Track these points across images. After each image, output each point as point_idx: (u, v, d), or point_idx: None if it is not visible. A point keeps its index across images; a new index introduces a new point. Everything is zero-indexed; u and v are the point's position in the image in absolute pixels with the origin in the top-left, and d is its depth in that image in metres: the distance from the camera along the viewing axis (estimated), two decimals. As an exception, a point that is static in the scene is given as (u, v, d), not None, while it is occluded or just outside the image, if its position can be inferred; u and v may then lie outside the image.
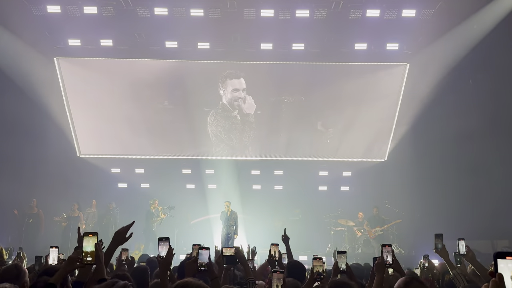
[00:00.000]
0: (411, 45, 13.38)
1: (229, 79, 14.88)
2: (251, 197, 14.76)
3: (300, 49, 13.36)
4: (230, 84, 14.86)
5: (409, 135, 14.33)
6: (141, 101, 14.37)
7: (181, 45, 13.19)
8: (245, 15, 12.22)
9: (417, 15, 12.05)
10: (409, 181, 13.83)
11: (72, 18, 12.26)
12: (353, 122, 14.70)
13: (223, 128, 15.15)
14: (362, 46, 13.27)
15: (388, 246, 3.46)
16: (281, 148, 15.30)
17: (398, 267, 3.47)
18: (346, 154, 15.13)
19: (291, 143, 15.12)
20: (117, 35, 13.09)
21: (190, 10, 11.89)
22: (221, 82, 14.87)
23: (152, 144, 14.87)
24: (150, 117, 14.61)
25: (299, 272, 3.92)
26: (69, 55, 13.54)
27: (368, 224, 13.11)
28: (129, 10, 12.04)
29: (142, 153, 15.04)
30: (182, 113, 14.70)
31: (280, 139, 15.22)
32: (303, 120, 14.87)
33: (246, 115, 15.09)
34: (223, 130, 15.17)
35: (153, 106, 14.59)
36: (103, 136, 14.87)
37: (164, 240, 3.20)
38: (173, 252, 3.14)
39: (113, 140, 14.87)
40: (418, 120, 13.94)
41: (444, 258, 4.03)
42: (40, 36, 12.83)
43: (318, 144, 15.17)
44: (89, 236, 2.75)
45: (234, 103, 15.01)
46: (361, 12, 11.99)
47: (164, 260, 3.08)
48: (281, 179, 15.52)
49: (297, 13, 11.98)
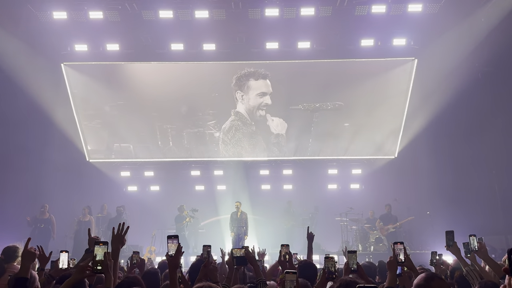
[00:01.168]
0: (419, 40, 13.26)
1: (253, 79, 13.85)
2: (260, 198, 14.74)
3: (306, 48, 13.29)
4: (253, 87, 13.75)
5: (419, 131, 14.18)
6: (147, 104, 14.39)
7: (187, 47, 13.21)
8: (250, 15, 12.21)
9: (424, 9, 11.94)
10: (420, 177, 13.70)
11: (78, 23, 12.37)
12: (362, 120, 14.59)
13: (237, 144, 14.54)
14: (369, 42, 13.18)
15: (400, 244, 3.41)
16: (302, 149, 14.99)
17: (410, 265, 3.42)
18: (355, 152, 15.01)
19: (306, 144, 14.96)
20: (123, 39, 13.17)
21: (194, 12, 11.91)
22: (239, 83, 13.81)
23: (160, 147, 14.90)
24: (157, 119, 14.63)
25: (311, 273, 3.88)
26: (76, 61, 13.63)
27: (381, 222, 13.00)
28: (134, 14, 12.11)
29: (151, 156, 15.08)
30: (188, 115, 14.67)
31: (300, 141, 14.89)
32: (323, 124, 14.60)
33: (277, 136, 14.23)
34: (237, 144, 14.52)
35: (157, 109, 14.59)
36: (112, 141, 14.94)
37: (173, 238, 3.17)
38: (182, 250, 3.12)
39: (121, 144, 14.92)
40: (428, 115, 13.79)
41: (456, 255, 3.97)
42: (47, 43, 12.96)
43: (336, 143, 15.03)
44: (100, 245, 2.75)
45: (257, 113, 13.97)
46: (366, 8, 11.93)
47: (173, 258, 3.05)
48: (290, 179, 15.48)
49: (302, 12, 11.94)
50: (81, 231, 12.07)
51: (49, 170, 13.43)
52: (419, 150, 14.10)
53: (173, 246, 3.08)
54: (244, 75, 13.80)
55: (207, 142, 14.83)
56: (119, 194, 14.85)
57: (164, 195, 15.00)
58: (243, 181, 14.83)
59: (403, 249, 3.38)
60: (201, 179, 15.44)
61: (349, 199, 14.13)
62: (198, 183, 15.40)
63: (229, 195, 14.28)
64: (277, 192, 15.19)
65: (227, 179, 15.25)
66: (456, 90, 12.64)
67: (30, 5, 11.90)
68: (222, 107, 14.51)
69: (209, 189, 15.17)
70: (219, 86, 14.29)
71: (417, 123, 14.19)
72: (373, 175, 14.86)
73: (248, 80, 13.97)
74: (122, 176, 15.34)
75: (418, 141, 14.18)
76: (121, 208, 12.88)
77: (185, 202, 13.78)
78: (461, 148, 13.30)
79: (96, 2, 11.80)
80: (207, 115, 14.63)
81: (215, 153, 15.03)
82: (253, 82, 13.93)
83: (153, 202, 14.45)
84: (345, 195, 14.73)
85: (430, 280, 2.55)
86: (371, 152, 15.07)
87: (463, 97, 12.73)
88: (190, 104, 14.45)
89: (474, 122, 13.14)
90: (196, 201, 14.22)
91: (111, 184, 14.94)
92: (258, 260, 4.47)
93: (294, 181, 15.46)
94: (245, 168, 15.24)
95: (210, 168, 15.42)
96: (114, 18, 12.21)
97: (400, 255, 3.35)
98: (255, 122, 14.43)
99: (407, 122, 14.40)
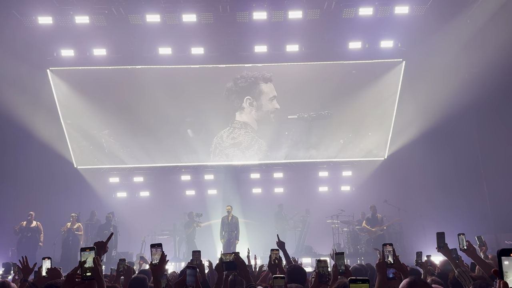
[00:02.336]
0: (406, 42, 13.35)
1: (263, 82, 13.43)
2: (251, 201, 14.69)
3: (295, 50, 13.30)
4: (265, 91, 13.37)
5: (408, 132, 14.25)
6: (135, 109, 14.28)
7: (175, 51, 13.14)
8: (238, 18, 12.18)
9: (410, 12, 12.01)
10: (410, 179, 13.75)
11: (64, 28, 12.21)
12: (352, 123, 14.63)
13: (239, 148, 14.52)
14: (356, 44, 13.23)
15: (389, 245, 3.37)
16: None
17: (399, 267, 3.39)
18: (346, 154, 15.05)
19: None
20: (110, 44, 13.06)
21: (182, 16, 11.83)
22: (248, 89, 13.60)
23: (149, 152, 14.77)
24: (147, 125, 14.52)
25: (300, 277, 3.84)
26: (62, 66, 13.47)
27: (368, 224, 13.00)
28: (121, 19, 12.00)
29: (139, 162, 14.94)
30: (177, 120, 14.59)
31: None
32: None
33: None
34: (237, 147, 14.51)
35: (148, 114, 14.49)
36: (99, 146, 14.76)
37: (157, 247, 3.08)
38: (167, 259, 3.04)
39: (110, 150, 14.77)
40: (417, 117, 13.86)
41: (447, 256, 3.96)
42: (32, 48, 12.77)
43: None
44: (87, 251, 2.66)
45: (269, 116, 13.79)
46: (354, 11, 11.96)
47: (157, 267, 2.97)
48: (281, 182, 15.45)
49: (290, 15, 11.93)
50: (69, 238, 11.89)
51: (36, 178, 13.23)
52: (408, 152, 14.15)
53: (157, 255, 3.00)
54: (252, 78, 13.53)
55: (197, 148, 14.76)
56: (109, 201, 14.69)
57: (154, 200, 14.88)
58: (234, 185, 14.77)
59: (392, 251, 3.35)
60: (192, 184, 15.33)
61: (340, 201, 14.13)
62: (189, 188, 15.29)
63: (220, 200, 14.20)
64: (268, 196, 15.14)
65: (218, 184, 15.17)
66: (444, 91, 12.73)
67: (15, 10, 11.73)
68: (214, 112, 14.48)
69: (200, 193, 15.07)
70: (210, 90, 14.28)
71: (406, 125, 14.26)
72: (364, 177, 14.90)
73: (258, 84, 13.76)
74: (111, 182, 15.17)
75: (407, 142, 14.24)
76: (110, 215, 12.73)
77: (176, 207, 13.69)
78: (450, 149, 13.39)
79: (82, 7, 11.67)
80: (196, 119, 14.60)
81: (205, 158, 14.95)
82: (264, 86, 13.68)
83: (143, 208, 14.31)
84: (336, 198, 14.73)
85: (413, 284, 2.53)
86: (361, 155, 15.12)
87: (451, 98, 12.81)
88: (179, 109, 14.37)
89: (462, 123, 13.23)
90: (187, 206, 14.13)
91: (100, 190, 14.76)
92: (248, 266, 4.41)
93: (285, 184, 15.43)
94: (235, 172, 15.18)
95: (201, 172, 15.33)
96: (100, 22, 12.09)
97: (389, 257, 3.32)
98: (264, 126, 14.28)
99: (396, 124, 14.47)
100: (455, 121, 13.17)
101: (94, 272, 2.60)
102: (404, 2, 11.84)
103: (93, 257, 2.63)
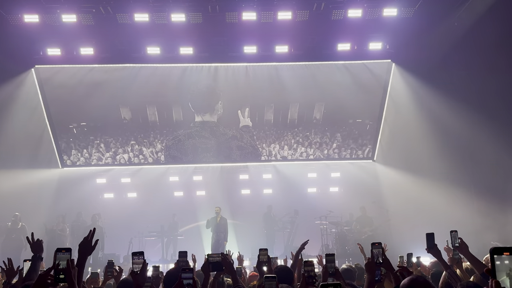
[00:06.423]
0: (394, 44, 13.40)
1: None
2: (240, 202, 14.63)
3: (284, 51, 13.28)
4: None
5: (396, 134, 14.34)
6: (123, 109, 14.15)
7: (163, 51, 13.02)
8: (227, 18, 12.12)
9: (399, 14, 12.07)
10: (398, 180, 13.82)
11: (50, 27, 11.99)
12: (340, 124, 14.68)
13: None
14: (345, 46, 13.24)
15: (378, 244, 3.36)
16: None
17: (388, 266, 3.37)
18: (334, 156, 15.11)
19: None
20: (98, 43, 12.86)
21: (171, 15, 11.72)
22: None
23: (136, 152, 14.64)
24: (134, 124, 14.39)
25: (287, 276, 3.80)
26: (48, 64, 13.25)
27: (357, 225, 13.03)
28: (109, 17, 11.83)
29: (127, 163, 14.80)
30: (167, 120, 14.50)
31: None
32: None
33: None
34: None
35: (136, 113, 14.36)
36: (86, 147, 14.59)
37: (139, 255, 3.01)
38: (148, 268, 2.99)
39: (97, 151, 14.60)
40: (406, 119, 13.95)
41: (437, 257, 3.96)
42: (18, 47, 12.54)
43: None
44: (63, 252, 2.57)
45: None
46: (343, 13, 11.96)
47: (138, 275, 2.91)
48: (270, 183, 15.40)
49: (279, 16, 11.90)
50: (54, 240, 11.70)
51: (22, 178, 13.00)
52: (396, 153, 14.23)
53: (139, 263, 2.95)
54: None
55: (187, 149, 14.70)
56: (96, 201, 14.50)
57: (142, 202, 14.70)
58: (222, 186, 14.69)
59: (381, 251, 3.34)
60: (180, 185, 15.21)
61: (329, 202, 14.15)
62: (177, 189, 15.16)
63: (208, 201, 14.10)
64: (257, 197, 15.08)
65: (207, 185, 15.08)
66: (433, 93, 12.83)
67: (0, 8, 11.51)
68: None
69: (188, 195, 14.96)
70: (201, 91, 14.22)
71: (395, 127, 14.34)
72: (352, 178, 14.94)
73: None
74: (98, 183, 14.98)
75: (396, 144, 14.32)
76: (96, 216, 12.57)
77: (164, 208, 13.56)
78: (438, 150, 13.47)
79: (69, 5, 11.46)
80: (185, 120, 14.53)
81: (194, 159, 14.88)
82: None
83: (130, 209, 14.14)
84: (325, 199, 14.74)
85: (414, 282, 2.52)
86: (350, 156, 15.18)
87: (439, 99, 12.91)
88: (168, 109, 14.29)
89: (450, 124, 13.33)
90: (175, 207, 14.03)
91: (87, 191, 14.55)
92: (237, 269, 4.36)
93: (274, 185, 15.39)
94: (224, 173, 15.11)
95: (189, 173, 15.22)
96: (88, 21, 11.90)
97: (378, 256, 3.30)
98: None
99: (385, 125, 14.54)
100: (443, 122, 13.26)
101: (67, 275, 2.51)
102: (392, 4, 11.88)
103: (67, 259, 2.54)
